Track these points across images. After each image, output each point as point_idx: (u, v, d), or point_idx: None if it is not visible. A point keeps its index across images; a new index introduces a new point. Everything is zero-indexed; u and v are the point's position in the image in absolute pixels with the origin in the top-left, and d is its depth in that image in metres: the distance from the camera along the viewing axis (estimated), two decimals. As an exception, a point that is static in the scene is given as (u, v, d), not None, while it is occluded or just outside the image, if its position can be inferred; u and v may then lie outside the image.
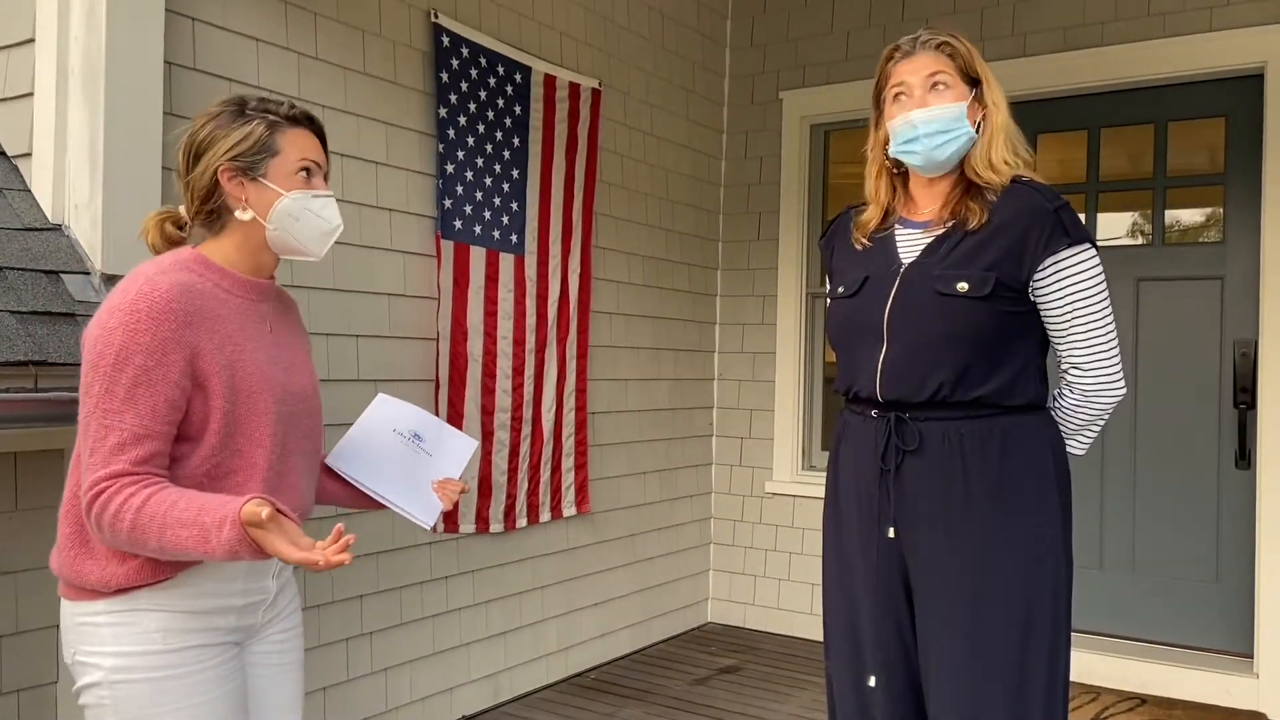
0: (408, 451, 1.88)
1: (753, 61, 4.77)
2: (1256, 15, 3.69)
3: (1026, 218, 1.82)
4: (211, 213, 1.65)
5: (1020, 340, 1.85)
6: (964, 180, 1.89)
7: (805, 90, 4.60)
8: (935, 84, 1.86)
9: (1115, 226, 4.10)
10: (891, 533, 1.88)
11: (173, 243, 1.70)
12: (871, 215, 2.00)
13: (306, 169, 1.68)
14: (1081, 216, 4.09)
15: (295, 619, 1.81)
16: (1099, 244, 3.96)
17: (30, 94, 2.34)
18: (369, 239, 3.04)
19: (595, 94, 3.92)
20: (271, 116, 1.65)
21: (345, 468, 1.83)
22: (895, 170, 1.98)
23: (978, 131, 1.87)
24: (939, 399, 1.83)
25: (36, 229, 2.24)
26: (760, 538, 4.68)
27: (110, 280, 2.23)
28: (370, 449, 1.85)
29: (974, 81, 1.89)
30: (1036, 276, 1.83)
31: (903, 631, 1.89)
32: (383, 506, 1.83)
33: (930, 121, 1.84)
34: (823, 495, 2.10)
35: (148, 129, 2.33)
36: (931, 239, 1.89)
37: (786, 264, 4.64)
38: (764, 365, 4.70)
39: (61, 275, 2.18)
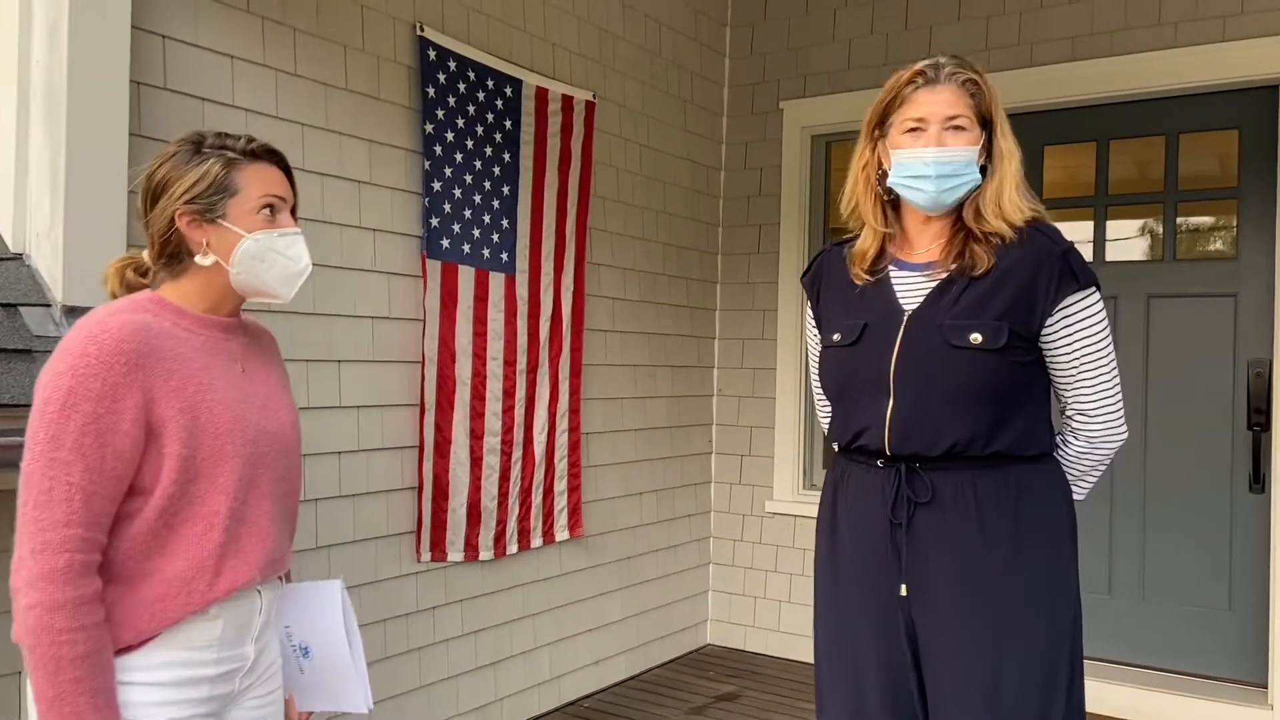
0: (288, 654, 1.74)
1: (753, 71, 4.66)
2: (1271, 25, 3.56)
3: (1034, 262, 1.72)
4: (172, 256, 1.56)
5: (1030, 389, 1.76)
6: (961, 222, 1.78)
7: (806, 100, 4.49)
8: (953, 124, 1.73)
9: (1125, 241, 3.98)
10: (904, 590, 1.76)
11: (134, 290, 1.61)
12: (869, 244, 1.86)
13: (270, 205, 1.57)
14: (1090, 229, 4.01)
15: (276, 681, 1.70)
16: (1108, 259, 3.91)
17: (-9, 117, 2.24)
18: (351, 261, 2.94)
19: (589, 106, 3.81)
20: (229, 153, 1.56)
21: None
22: (886, 198, 1.85)
23: (983, 175, 1.76)
24: (954, 453, 1.73)
25: (-5, 259, 2.14)
26: (761, 558, 4.57)
27: (71, 312, 2.13)
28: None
29: (986, 123, 1.77)
30: (1047, 324, 1.73)
31: (910, 693, 1.79)
32: None
33: (944, 163, 1.72)
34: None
35: (112, 153, 2.23)
36: (935, 284, 1.77)
37: (787, 278, 4.53)
38: (764, 381, 4.59)
39: (19, 308, 2.08)
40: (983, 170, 1.76)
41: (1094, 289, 1.74)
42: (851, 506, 1.84)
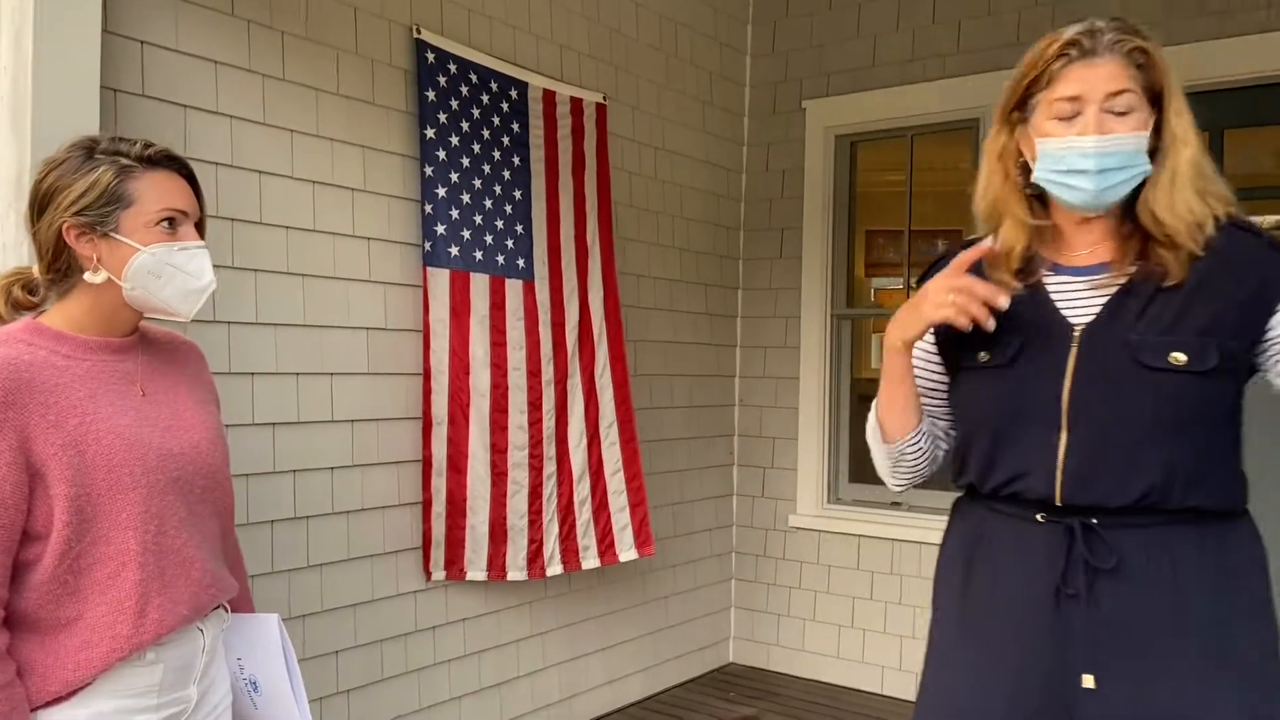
0: (240, 687, 1.67)
1: (775, 69, 4.51)
2: None
3: (1243, 264, 1.41)
4: (60, 272, 1.44)
5: (1231, 425, 1.45)
6: (1131, 218, 1.46)
7: (830, 99, 4.33)
8: (1117, 103, 1.39)
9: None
10: (1090, 682, 1.40)
11: (22, 309, 1.48)
12: (1016, 241, 1.51)
13: (169, 219, 1.46)
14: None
15: (225, 719, 1.61)
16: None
17: (-40, 126, 2.18)
18: (344, 270, 2.85)
19: (600, 108, 3.69)
20: (123, 160, 1.44)
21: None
22: (1030, 193, 1.52)
23: (1152, 161, 1.43)
24: (1144, 505, 1.40)
25: (-40, 273, 2.07)
26: (784, 574, 4.41)
27: (36, 328, 2.06)
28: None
29: (1157, 100, 1.43)
30: (1268, 337, 1.41)
31: None
32: None
33: (1107, 154, 1.39)
34: (852, 537, 1.70)
35: (83, 162, 2.16)
36: (1112, 292, 1.45)
37: (811, 283, 4.37)
38: (787, 390, 4.43)
39: (-19, 323, 2.01)
40: (1152, 155, 1.43)
41: None
42: (998, 571, 1.50)
